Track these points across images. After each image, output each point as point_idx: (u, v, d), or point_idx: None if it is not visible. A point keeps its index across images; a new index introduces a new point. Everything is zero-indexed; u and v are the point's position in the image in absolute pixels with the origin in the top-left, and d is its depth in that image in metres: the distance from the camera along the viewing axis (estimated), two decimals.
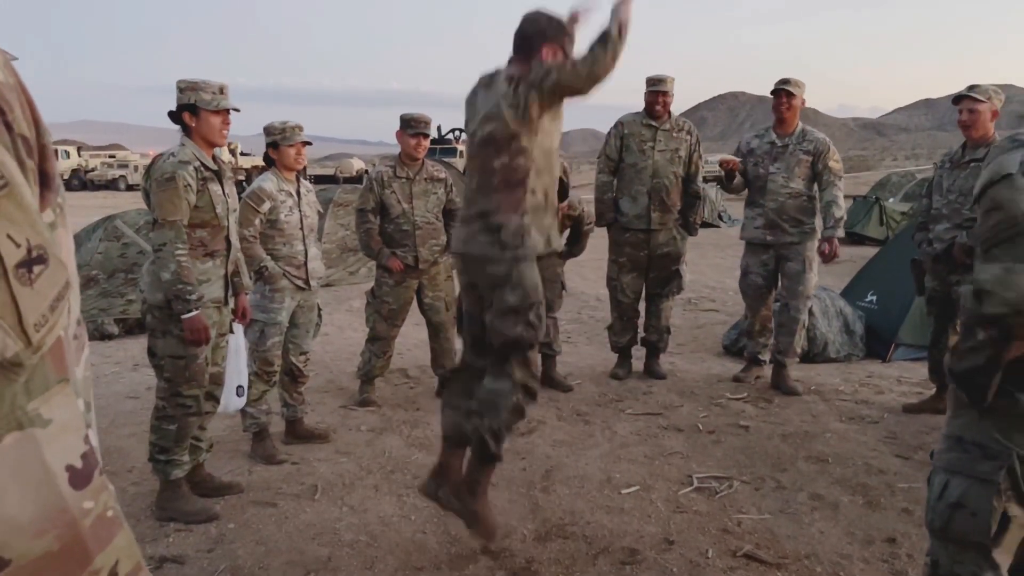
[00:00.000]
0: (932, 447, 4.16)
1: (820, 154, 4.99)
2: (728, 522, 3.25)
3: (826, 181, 4.97)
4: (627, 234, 5.32)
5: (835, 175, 4.98)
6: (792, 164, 5.01)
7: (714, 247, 13.11)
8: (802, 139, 5.05)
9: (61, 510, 0.64)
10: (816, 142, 5.03)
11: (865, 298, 6.36)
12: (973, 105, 4.29)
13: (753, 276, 5.24)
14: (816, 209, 5.07)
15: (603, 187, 5.39)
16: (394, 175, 4.78)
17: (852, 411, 4.73)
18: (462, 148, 33.37)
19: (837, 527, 3.22)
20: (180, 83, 3.30)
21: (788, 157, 5.03)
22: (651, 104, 5.26)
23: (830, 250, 4.90)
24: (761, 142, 5.18)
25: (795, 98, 5.03)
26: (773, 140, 5.11)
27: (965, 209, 4.29)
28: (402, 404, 4.91)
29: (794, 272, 5.07)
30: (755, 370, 5.39)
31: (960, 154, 4.45)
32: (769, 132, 5.18)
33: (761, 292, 5.25)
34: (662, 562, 2.89)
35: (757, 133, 5.34)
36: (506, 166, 2.59)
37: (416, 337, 6.16)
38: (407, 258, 4.76)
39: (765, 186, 5.08)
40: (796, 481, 3.68)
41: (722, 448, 4.12)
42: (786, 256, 5.08)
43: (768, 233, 5.09)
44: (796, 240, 5.03)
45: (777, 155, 5.07)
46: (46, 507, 0.63)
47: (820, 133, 5.12)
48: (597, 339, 6.53)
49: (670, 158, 5.25)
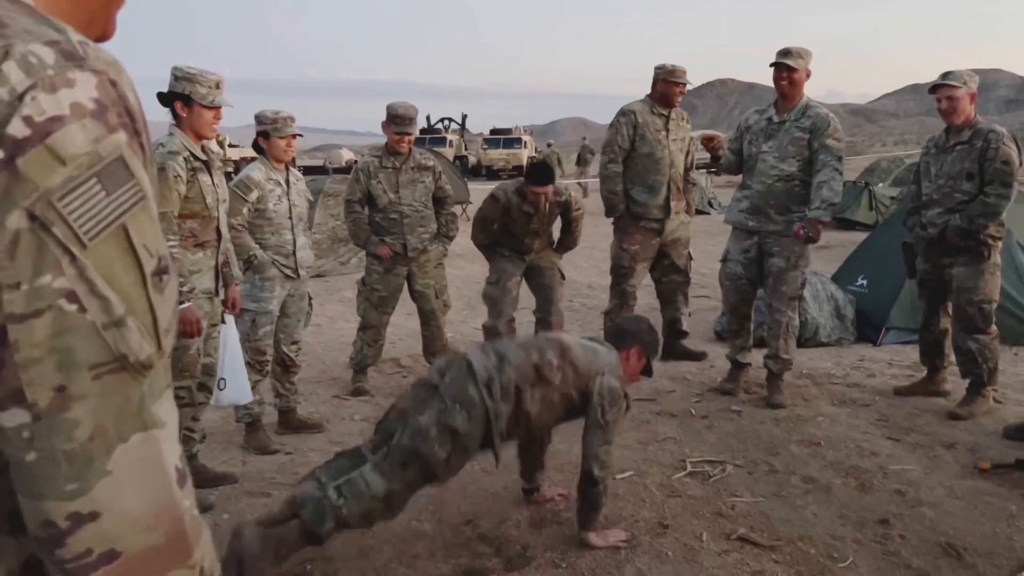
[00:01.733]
0: (924, 429, 4.19)
1: (818, 131, 4.42)
2: (722, 506, 3.26)
3: (822, 160, 4.38)
4: (640, 223, 5.29)
5: (833, 155, 4.40)
6: (785, 143, 4.50)
7: (704, 234, 13.11)
8: (801, 115, 4.51)
9: (170, 506, 0.69)
10: (816, 118, 4.47)
11: (855, 282, 6.38)
12: (951, 92, 4.27)
13: (732, 264, 4.78)
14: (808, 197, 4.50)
15: (615, 177, 5.28)
16: (380, 165, 4.77)
17: (844, 394, 4.75)
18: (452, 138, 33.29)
19: (830, 509, 3.24)
20: (176, 70, 3.24)
21: (782, 135, 4.53)
22: (669, 94, 5.20)
23: (806, 232, 4.34)
24: (760, 118, 4.72)
25: (796, 72, 4.46)
26: (771, 116, 4.63)
27: (956, 193, 4.30)
28: (395, 393, 4.89)
29: (777, 270, 4.55)
30: (741, 375, 4.88)
31: (944, 138, 4.44)
32: (770, 108, 4.70)
33: (739, 283, 4.76)
34: (657, 546, 2.90)
35: (759, 108, 4.87)
36: (535, 399, 2.83)
37: (408, 327, 6.15)
38: (395, 245, 4.76)
39: (755, 166, 4.63)
40: (789, 464, 3.70)
41: (715, 433, 4.14)
42: (770, 249, 4.57)
43: (751, 218, 4.62)
44: (781, 229, 4.50)
45: (771, 133, 4.58)
46: (159, 503, 0.68)
47: (824, 109, 4.53)
48: (590, 327, 6.53)
49: (680, 147, 5.29)
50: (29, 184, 0.62)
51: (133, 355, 0.66)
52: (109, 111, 0.67)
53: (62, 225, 0.63)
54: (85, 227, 0.64)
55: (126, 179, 0.67)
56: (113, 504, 0.65)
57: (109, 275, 0.65)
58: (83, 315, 0.64)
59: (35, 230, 0.62)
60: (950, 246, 4.31)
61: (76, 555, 0.65)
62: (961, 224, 4.23)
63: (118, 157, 0.66)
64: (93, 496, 0.65)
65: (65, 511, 0.64)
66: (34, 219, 0.62)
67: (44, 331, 0.62)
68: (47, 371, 0.63)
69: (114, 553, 0.66)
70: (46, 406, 0.63)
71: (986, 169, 4.19)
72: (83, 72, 0.66)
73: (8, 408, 0.63)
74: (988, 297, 4.29)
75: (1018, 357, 5.52)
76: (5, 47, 0.63)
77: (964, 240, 4.25)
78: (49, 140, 0.63)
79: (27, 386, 0.62)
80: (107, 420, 0.65)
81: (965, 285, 4.29)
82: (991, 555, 2.86)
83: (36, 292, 0.62)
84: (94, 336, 0.64)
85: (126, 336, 0.66)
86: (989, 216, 4.20)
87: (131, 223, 0.67)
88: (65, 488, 0.64)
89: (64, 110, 0.64)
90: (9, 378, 0.62)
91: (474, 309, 7.76)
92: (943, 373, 4.70)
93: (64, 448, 0.64)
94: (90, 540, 0.65)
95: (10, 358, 0.62)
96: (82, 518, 0.64)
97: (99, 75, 0.67)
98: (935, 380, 4.71)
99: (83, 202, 0.64)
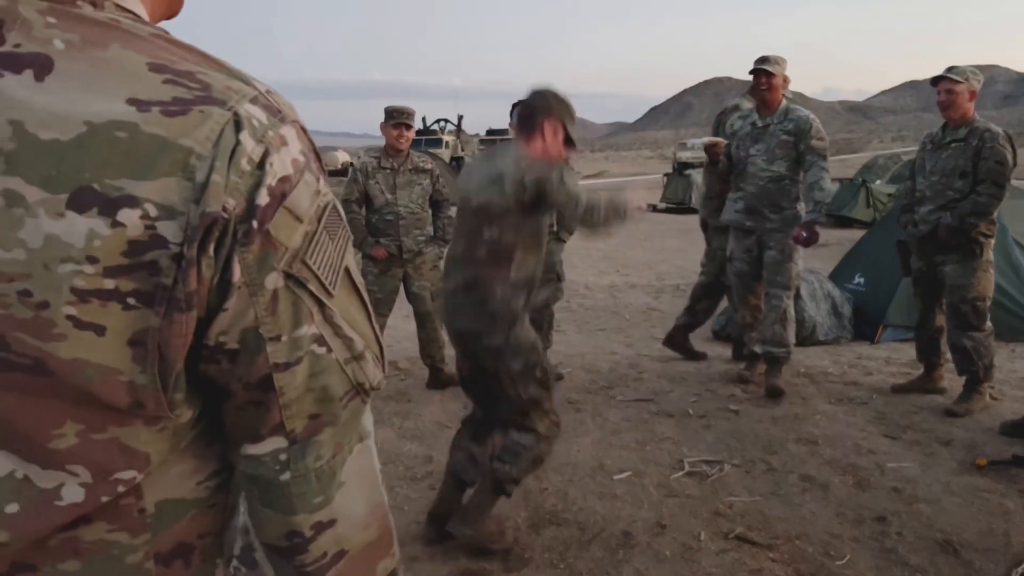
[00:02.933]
0: (921, 426, 4.20)
1: (802, 133, 4.64)
2: (719, 505, 3.27)
3: (809, 162, 4.63)
4: None
5: (818, 154, 4.64)
6: (773, 146, 4.72)
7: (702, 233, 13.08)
8: (784, 118, 4.74)
9: (380, 505, 0.78)
10: (797, 121, 4.68)
11: (853, 280, 6.39)
12: (951, 86, 4.29)
13: (737, 263, 4.98)
14: (799, 194, 4.76)
15: None
16: (379, 166, 4.79)
17: (841, 393, 4.76)
18: (448, 139, 33.26)
19: (827, 507, 3.25)
20: None
21: (768, 139, 4.74)
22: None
23: (804, 236, 4.55)
24: (744, 123, 4.94)
25: (775, 77, 4.72)
26: (755, 121, 4.85)
27: (949, 190, 4.31)
28: (393, 396, 4.91)
29: (773, 261, 4.77)
30: (759, 366, 5.04)
31: (941, 135, 4.45)
32: (752, 113, 4.93)
33: (746, 279, 4.98)
34: (655, 546, 2.91)
35: (742, 114, 5.10)
36: (495, 239, 2.64)
37: (406, 329, 6.15)
38: (391, 247, 4.77)
39: (746, 169, 4.83)
40: (786, 463, 3.70)
41: (713, 432, 4.14)
42: (766, 243, 4.80)
43: (747, 218, 4.84)
44: (776, 226, 4.73)
45: (758, 137, 4.80)
46: (373, 504, 0.77)
47: (804, 111, 4.76)
48: (587, 327, 6.54)
49: None
50: (280, 247, 0.65)
51: (368, 383, 0.74)
52: (312, 160, 0.69)
53: (314, 280, 0.68)
54: (329, 277, 0.69)
55: (339, 223, 0.71)
56: (345, 510, 0.73)
57: (349, 317, 0.71)
58: (330, 355, 0.70)
59: (290, 287, 0.66)
60: (942, 243, 4.32)
61: (315, 559, 0.72)
62: (951, 222, 4.24)
63: (332, 204, 0.71)
64: (332, 506, 0.72)
65: (311, 521, 0.72)
66: (290, 278, 0.66)
67: (303, 375, 0.68)
68: (305, 407, 0.70)
69: (343, 553, 0.74)
70: (301, 432, 0.70)
71: (980, 168, 4.21)
72: (287, 126, 0.67)
73: (265, 439, 0.70)
74: (981, 294, 4.30)
75: (1015, 353, 5.53)
76: (234, 114, 0.63)
77: (955, 238, 4.26)
78: (287, 202, 0.65)
79: (287, 420, 0.69)
80: (343, 438, 0.73)
81: (958, 283, 4.31)
82: (988, 551, 2.87)
83: (295, 342, 0.68)
84: (339, 372, 0.71)
85: (364, 368, 0.73)
86: (979, 215, 4.21)
87: (349, 262, 0.72)
88: (313, 501, 0.71)
89: (289, 169, 0.66)
90: (272, 417, 0.69)
91: None
92: (940, 370, 4.70)
93: (315, 467, 0.71)
94: (327, 544, 0.73)
95: (274, 401, 0.68)
96: (323, 526, 0.72)
97: (295, 125, 0.69)
98: (932, 377, 4.71)
99: (322, 254, 0.68)
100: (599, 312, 7.47)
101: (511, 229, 2.63)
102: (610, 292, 8.53)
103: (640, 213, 2.89)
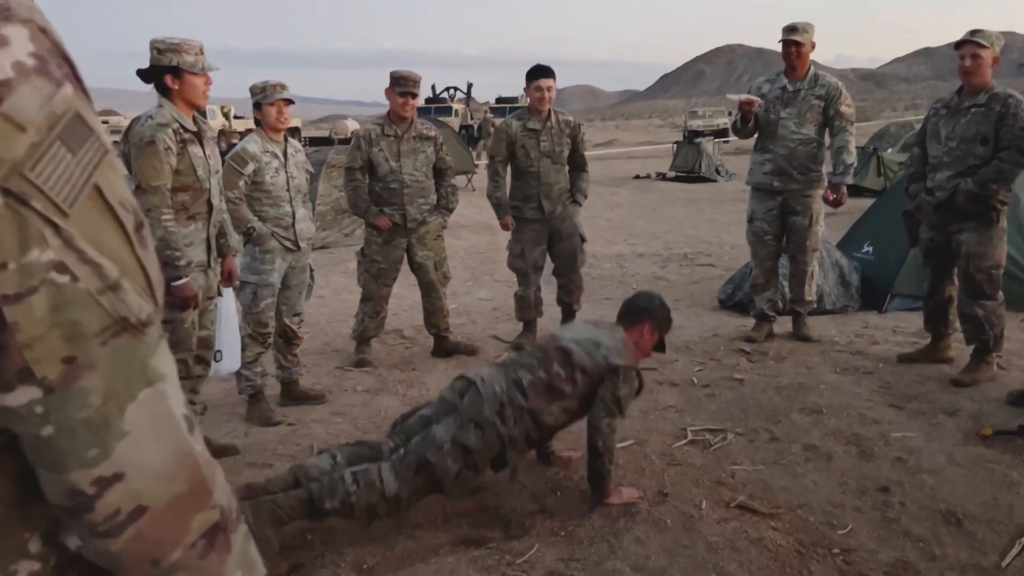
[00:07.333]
0: (927, 396, 4.17)
1: (832, 99, 4.94)
2: (722, 474, 3.27)
3: (837, 127, 4.94)
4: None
5: (847, 120, 4.96)
6: (804, 110, 4.95)
7: (711, 202, 13.03)
8: (814, 83, 4.99)
9: (186, 454, 0.70)
10: (828, 87, 4.97)
11: (861, 249, 6.33)
12: (976, 51, 4.18)
13: (758, 223, 5.17)
14: (824, 156, 5.05)
15: None
16: (382, 133, 4.74)
17: (847, 362, 4.73)
18: (457, 107, 33.06)
19: (830, 477, 3.24)
20: (158, 44, 3.19)
21: (800, 103, 4.97)
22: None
23: (835, 197, 4.93)
24: (772, 87, 5.11)
25: (803, 46, 4.96)
26: (784, 85, 5.04)
27: (969, 156, 4.23)
28: (398, 365, 4.92)
29: (800, 227, 5.05)
30: (765, 327, 5.26)
31: (957, 100, 4.37)
32: (780, 77, 5.10)
33: (766, 239, 5.16)
34: (656, 514, 2.90)
35: (768, 78, 5.28)
36: (554, 378, 2.93)
37: (411, 298, 6.14)
38: (395, 216, 4.74)
39: (776, 132, 5.01)
40: (790, 433, 3.69)
41: (716, 401, 4.13)
42: (792, 207, 5.04)
43: (776, 179, 5.04)
44: (802, 188, 4.99)
45: (788, 100, 5.00)
46: (175, 453, 0.69)
47: (832, 77, 5.02)
48: (593, 296, 6.50)
49: None
50: None
51: (134, 316, 0.65)
52: (50, 63, 0.62)
53: (39, 196, 0.59)
54: (62, 194, 0.61)
55: (87, 135, 0.63)
56: (135, 462, 0.66)
57: (96, 240, 0.63)
58: (76, 284, 0.61)
59: (12, 206, 0.59)
60: (959, 210, 4.25)
61: (106, 516, 0.65)
62: (972, 188, 4.17)
63: (75, 113, 0.63)
64: (115, 458, 0.65)
65: (90, 477, 0.64)
66: (8, 194, 0.58)
67: (43, 308, 0.60)
68: (53, 346, 0.61)
69: (141, 508, 0.66)
70: (57, 379, 0.62)
71: (1003, 134, 4.12)
72: (12, 25, 0.60)
73: (15, 388, 0.61)
74: (997, 262, 4.25)
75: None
76: None
77: (974, 204, 4.19)
78: (3, 108, 0.58)
79: (35, 364, 0.61)
80: (116, 382, 0.64)
81: (975, 251, 4.24)
82: (991, 522, 2.86)
83: (25, 269, 0.59)
84: (92, 304, 0.62)
85: (124, 298, 0.64)
86: (1002, 181, 4.14)
87: (102, 180, 0.64)
88: (87, 455, 0.64)
89: (8, 72, 0.58)
90: (14, 360, 0.60)
91: (478, 280, 7.76)
92: (947, 340, 4.66)
93: (80, 416, 0.63)
94: (118, 500, 0.65)
95: (12, 340, 0.60)
96: (108, 481, 0.65)
97: (28, 25, 0.62)
98: (939, 347, 4.68)
99: (53, 168, 0.60)
100: (605, 281, 7.43)
101: (571, 384, 2.93)
102: (617, 262, 8.49)
103: None
